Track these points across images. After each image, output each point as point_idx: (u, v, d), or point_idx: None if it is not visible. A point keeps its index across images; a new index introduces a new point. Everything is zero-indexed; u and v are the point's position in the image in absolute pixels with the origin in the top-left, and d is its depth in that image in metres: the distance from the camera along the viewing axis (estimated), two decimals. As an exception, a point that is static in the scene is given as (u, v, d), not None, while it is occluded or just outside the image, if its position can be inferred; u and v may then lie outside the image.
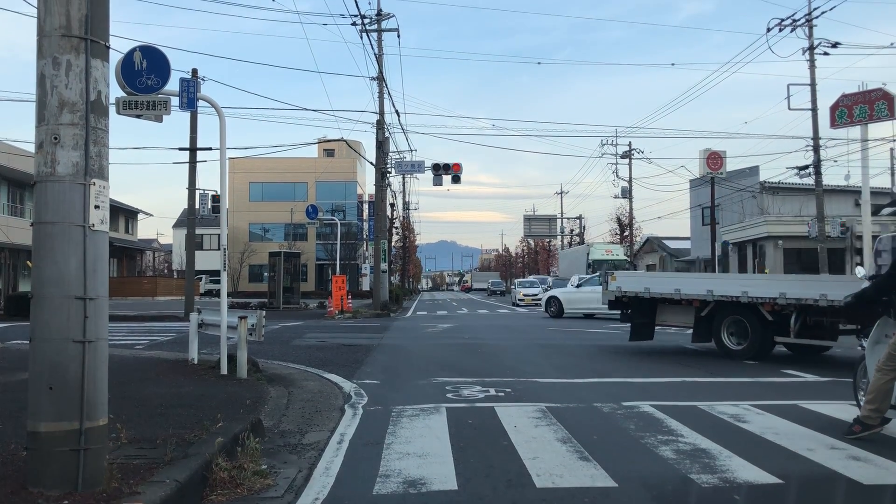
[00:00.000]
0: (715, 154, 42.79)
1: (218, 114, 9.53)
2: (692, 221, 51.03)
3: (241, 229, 61.49)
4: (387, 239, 33.39)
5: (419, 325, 20.09)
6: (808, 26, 30.79)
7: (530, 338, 15.35)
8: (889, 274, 5.67)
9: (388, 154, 31.35)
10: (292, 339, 14.91)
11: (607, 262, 38.39)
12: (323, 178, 60.93)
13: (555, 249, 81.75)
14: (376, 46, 31.69)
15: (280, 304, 28.44)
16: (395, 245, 70.07)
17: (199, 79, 23.40)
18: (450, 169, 29.31)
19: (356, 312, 26.47)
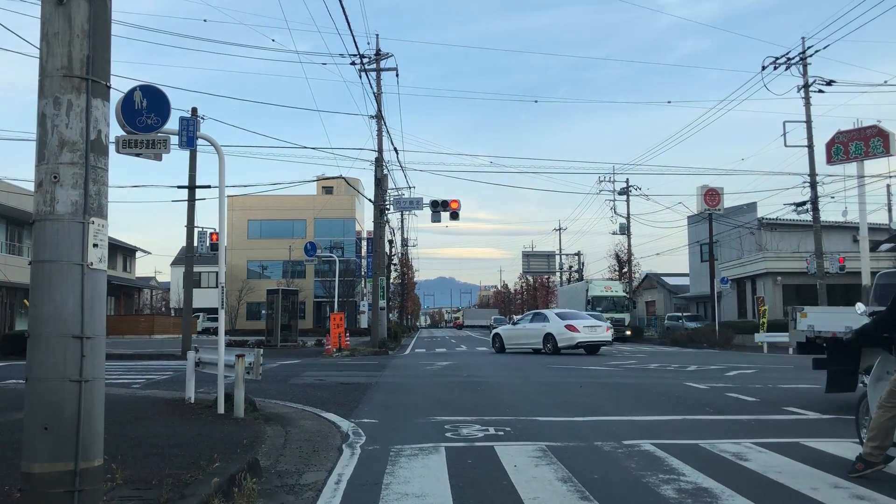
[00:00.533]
0: (712, 190, 43.03)
1: (217, 152, 9.58)
2: (691, 258, 51.12)
3: (239, 267, 61.49)
4: (385, 276, 33.39)
5: (417, 362, 19.99)
6: (803, 64, 31.18)
7: (530, 375, 15.26)
8: (889, 310, 5.65)
9: (386, 191, 31.49)
10: (290, 377, 14.81)
11: (606, 299, 38.41)
12: (321, 215, 61.13)
13: (553, 286, 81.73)
14: (375, 85, 32.02)
15: (278, 342, 28.33)
16: (394, 282, 70.09)
17: (199, 117, 23.59)
18: (448, 206, 29.42)
19: (354, 350, 26.35)
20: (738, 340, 33.51)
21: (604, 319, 30.83)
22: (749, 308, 40.03)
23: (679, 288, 62.00)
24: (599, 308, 38.27)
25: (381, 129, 31.78)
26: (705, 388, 12.33)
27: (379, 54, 32.21)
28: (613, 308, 36.90)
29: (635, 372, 16.07)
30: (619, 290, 39.96)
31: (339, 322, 25.93)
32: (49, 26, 3.96)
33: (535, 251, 66.57)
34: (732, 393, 11.67)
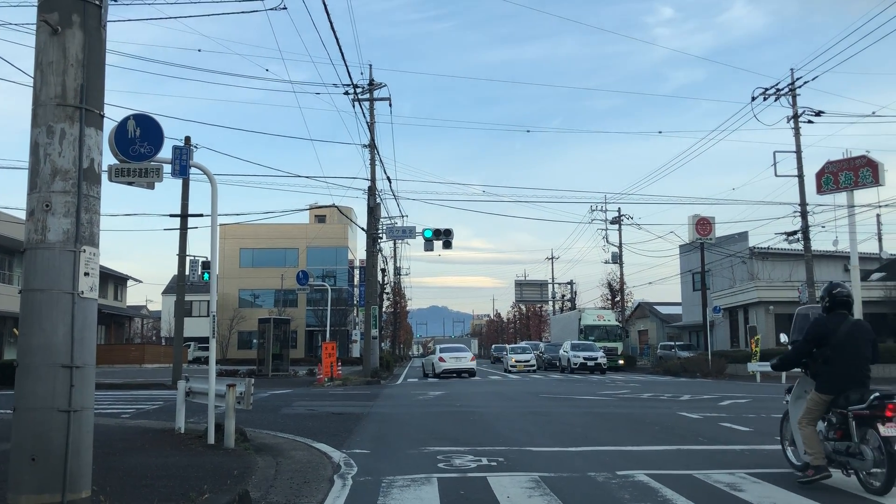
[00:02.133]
0: (704, 220, 43.21)
1: (210, 181, 9.59)
2: (683, 287, 51.22)
3: (230, 296, 61.24)
4: (377, 305, 33.32)
5: (410, 392, 19.87)
6: (792, 95, 31.48)
7: (523, 405, 15.18)
8: (804, 340, 6.89)
9: (379, 220, 31.53)
10: (281, 407, 14.68)
11: (599, 328, 38.36)
12: (314, 244, 61.06)
13: (546, 315, 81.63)
14: (368, 115, 32.19)
15: (269, 372, 28.14)
16: (386, 311, 69.90)
17: (192, 146, 23.64)
18: (441, 234, 29.46)
19: (346, 380, 26.20)
20: (731, 369, 33.46)
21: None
22: (741, 337, 40.02)
23: (671, 317, 61.99)
24: (592, 337, 38.29)
25: (373, 159, 31.90)
26: (699, 418, 12.28)
27: (372, 84, 32.41)
28: (606, 337, 36.86)
29: (628, 401, 16.00)
30: (612, 319, 39.94)
31: (330, 351, 25.81)
32: (43, 55, 3.97)
33: (528, 280, 66.57)
34: (726, 423, 11.62)
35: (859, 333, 6.60)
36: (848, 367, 6.49)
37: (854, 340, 6.54)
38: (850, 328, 6.58)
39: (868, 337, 6.64)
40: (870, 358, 6.61)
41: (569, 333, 41.11)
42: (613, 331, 37.88)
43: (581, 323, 38.86)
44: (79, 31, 4.01)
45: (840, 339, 6.52)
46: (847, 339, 6.52)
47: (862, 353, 6.55)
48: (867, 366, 6.57)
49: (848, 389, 6.39)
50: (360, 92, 31.44)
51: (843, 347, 6.51)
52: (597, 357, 33.85)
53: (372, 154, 31.97)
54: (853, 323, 6.65)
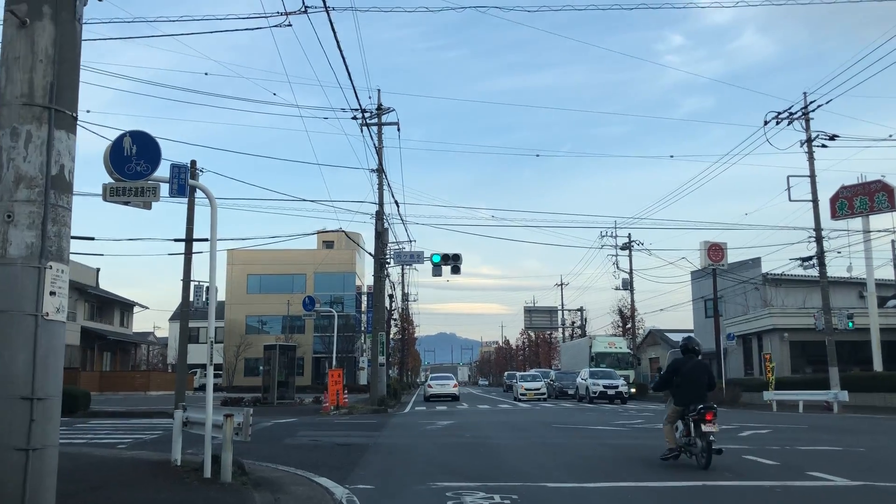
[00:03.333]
0: (716, 246, 42.65)
1: (210, 201, 9.20)
2: (695, 314, 50.49)
3: (237, 322, 60.84)
4: (385, 331, 32.82)
5: (418, 421, 19.31)
6: (805, 119, 31.05)
7: (535, 436, 14.62)
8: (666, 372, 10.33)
9: (387, 245, 31.13)
10: (283, 437, 14.15)
11: (610, 355, 37.63)
12: (322, 270, 60.69)
13: (556, 342, 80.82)
14: (376, 139, 31.94)
15: (274, 400, 27.60)
16: (394, 337, 69.35)
17: (199, 170, 23.35)
18: (449, 259, 29.00)
19: (352, 408, 25.64)
20: (746, 398, 32.75)
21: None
22: (756, 365, 39.28)
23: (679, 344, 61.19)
24: (603, 364, 37.54)
25: (381, 183, 31.60)
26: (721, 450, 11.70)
27: (380, 108, 32.19)
28: (617, 364, 36.18)
29: (645, 432, 15.40)
30: (623, 347, 39.22)
31: (337, 379, 25.28)
32: (9, 50, 3.56)
33: (538, 307, 65.91)
34: (750, 455, 11.04)
35: (698, 369, 9.90)
36: (691, 390, 9.73)
37: (695, 374, 9.80)
38: (693, 365, 9.93)
39: (705, 371, 10.00)
40: (705, 385, 9.88)
41: (579, 361, 40.39)
42: (625, 358, 37.16)
43: (592, 350, 38.15)
44: (49, 23, 3.61)
45: (686, 372, 9.82)
46: (691, 372, 9.81)
47: (700, 382, 9.81)
48: (704, 389, 9.81)
49: (691, 404, 9.59)
50: (369, 116, 31.21)
51: (688, 378, 9.80)
52: (618, 385, 32.46)
53: (380, 179, 31.68)
54: (695, 362, 10.03)
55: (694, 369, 9.89)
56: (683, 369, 9.91)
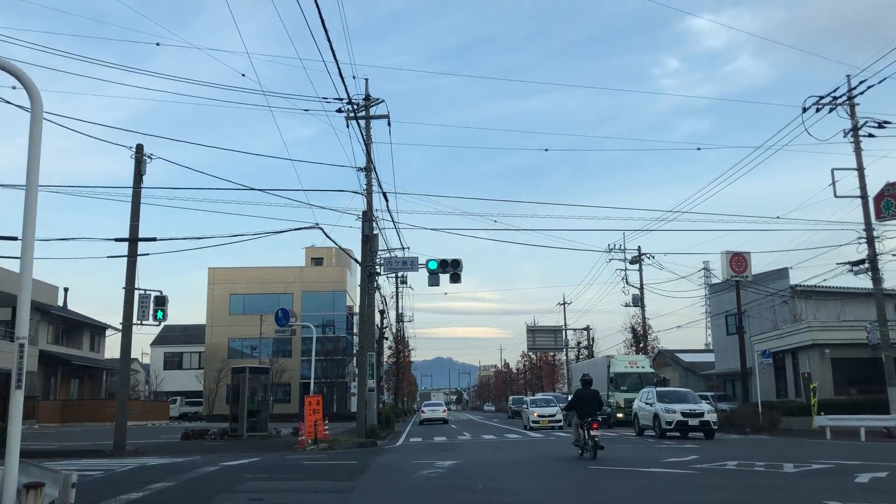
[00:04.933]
0: (739, 256, 38.76)
1: (28, 92, 5.18)
2: (714, 331, 46.45)
3: (219, 345, 56.58)
4: (376, 351, 28.71)
5: (410, 461, 15.15)
6: (850, 105, 27.29)
7: (572, 485, 10.53)
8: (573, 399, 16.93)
9: (376, 253, 27.13)
10: (215, 493, 9.89)
11: (631, 376, 33.32)
12: (310, 289, 56.68)
13: (559, 364, 76.53)
14: (364, 134, 28.08)
15: (244, 432, 23.42)
16: (388, 360, 65.06)
17: (146, 155, 19.46)
18: (448, 266, 25.02)
19: (334, 442, 21.52)
20: (786, 423, 28.63)
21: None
22: (790, 385, 35.19)
23: (696, 365, 56.99)
24: (624, 387, 33.22)
25: (370, 181, 27.72)
26: None
27: (368, 99, 28.35)
28: (640, 386, 32.00)
29: (722, 477, 11.26)
30: (646, 366, 34.87)
31: (315, 407, 21.16)
32: None
33: (541, 326, 61.63)
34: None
35: (592, 396, 15.99)
36: (587, 409, 15.49)
37: (590, 399, 15.81)
38: (589, 393, 16.03)
39: (596, 397, 16.16)
40: (596, 406, 15.86)
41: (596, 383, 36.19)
42: (648, 379, 32.83)
43: (611, 370, 33.82)
44: None
45: (585, 398, 15.85)
46: (587, 398, 15.83)
47: (592, 404, 15.69)
48: (595, 409, 15.67)
49: (587, 417, 15.25)
50: (358, 109, 27.42)
51: (586, 401, 15.76)
52: (702, 412, 22.91)
53: (368, 178, 27.78)
54: (591, 391, 16.19)
55: (590, 396, 15.85)
56: (584, 395, 15.89)
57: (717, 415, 31.74)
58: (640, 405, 25.80)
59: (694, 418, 22.77)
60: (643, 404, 25.41)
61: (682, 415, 22.76)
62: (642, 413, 25.42)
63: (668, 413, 23.02)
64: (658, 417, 23.51)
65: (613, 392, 33.61)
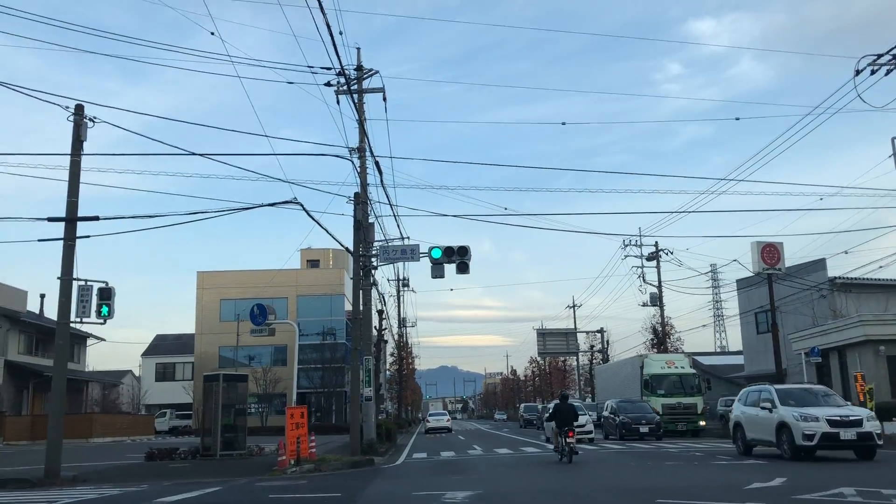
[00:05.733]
0: (770, 246, 35.18)
1: None
2: (743, 330, 42.81)
3: (209, 354, 53.04)
4: (372, 355, 25.21)
5: (411, 493, 11.61)
6: (911, 64, 23.82)
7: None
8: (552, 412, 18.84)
9: (372, 243, 23.66)
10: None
11: (669, 378, 29.64)
12: (305, 292, 53.17)
13: (570, 369, 72.89)
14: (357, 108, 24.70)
15: (217, 451, 19.88)
16: (390, 368, 61.52)
17: (89, 118, 16.06)
18: (454, 254, 21.54)
19: (322, 461, 18.00)
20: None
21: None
22: (838, 386, 31.57)
23: (716, 368, 53.30)
24: (661, 390, 29.52)
25: (364, 162, 24.36)
26: None
27: (361, 69, 24.94)
28: (680, 389, 28.41)
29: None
30: (686, 366, 31.00)
31: (299, 420, 17.66)
32: None
33: (552, 329, 57.97)
34: None
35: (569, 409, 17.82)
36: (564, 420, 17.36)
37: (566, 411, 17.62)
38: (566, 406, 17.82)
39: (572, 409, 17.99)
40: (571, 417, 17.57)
41: (628, 387, 32.32)
42: (689, 381, 29.18)
43: (644, 372, 30.05)
44: None
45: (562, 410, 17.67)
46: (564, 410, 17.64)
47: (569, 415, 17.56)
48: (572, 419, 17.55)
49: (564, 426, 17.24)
50: (350, 82, 24.00)
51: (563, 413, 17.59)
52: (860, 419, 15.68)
53: (362, 159, 24.41)
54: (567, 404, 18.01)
55: (567, 409, 17.98)
56: (562, 408, 17.99)
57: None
58: (748, 411, 18.29)
59: (848, 429, 15.43)
60: (754, 410, 17.81)
61: (830, 423, 15.45)
62: (753, 422, 17.93)
63: (806, 422, 15.61)
64: (788, 428, 16.03)
65: (649, 396, 30.08)
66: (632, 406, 28.11)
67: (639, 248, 47.94)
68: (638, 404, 27.98)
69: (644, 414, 27.36)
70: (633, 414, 27.36)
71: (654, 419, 26.87)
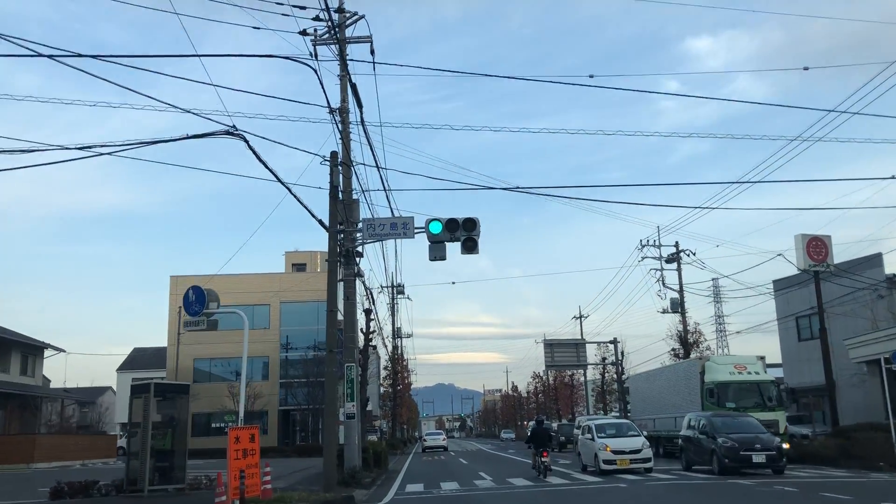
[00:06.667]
0: (817, 240, 30.57)
1: None
2: (782, 336, 37.93)
3: (183, 368, 48.00)
4: (356, 362, 20.36)
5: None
6: None
7: None
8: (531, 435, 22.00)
9: (356, 225, 18.84)
10: None
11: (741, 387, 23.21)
12: (290, 298, 48.25)
13: (578, 384, 67.78)
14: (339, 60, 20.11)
15: (145, 485, 14.93)
16: (384, 382, 56.52)
17: None
18: (458, 228, 16.77)
19: (282, 500, 13.12)
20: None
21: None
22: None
23: (743, 382, 48.39)
24: (731, 402, 22.84)
25: (346, 122, 19.78)
26: None
27: (343, 12, 20.26)
28: (758, 402, 22.45)
29: None
30: (761, 371, 24.12)
31: (247, 446, 12.81)
32: None
33: (560, 340, 52.80)
34: None
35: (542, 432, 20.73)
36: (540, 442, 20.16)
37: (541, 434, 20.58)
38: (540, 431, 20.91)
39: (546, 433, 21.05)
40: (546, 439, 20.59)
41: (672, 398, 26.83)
42: (768, 390, 22.99)
43: (706, 379, 23.53)
44: None
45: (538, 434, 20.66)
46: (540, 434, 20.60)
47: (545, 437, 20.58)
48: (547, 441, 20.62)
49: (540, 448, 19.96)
50: (332, 28, 19.37)
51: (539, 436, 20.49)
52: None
53: (344, 119, 19.80)
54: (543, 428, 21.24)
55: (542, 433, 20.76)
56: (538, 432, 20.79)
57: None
58: None
59: None
60: None
61: None
62: None
63: None
64: None
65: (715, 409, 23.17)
66: (734, 422, 19.50)
67: (657, 248, 43.37)
68: (742, 420, 19.61)
69: (757, 434, 18.59)
70: (740, 434, 18.46)
71: (774, 443, 18.34)
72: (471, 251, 16.66)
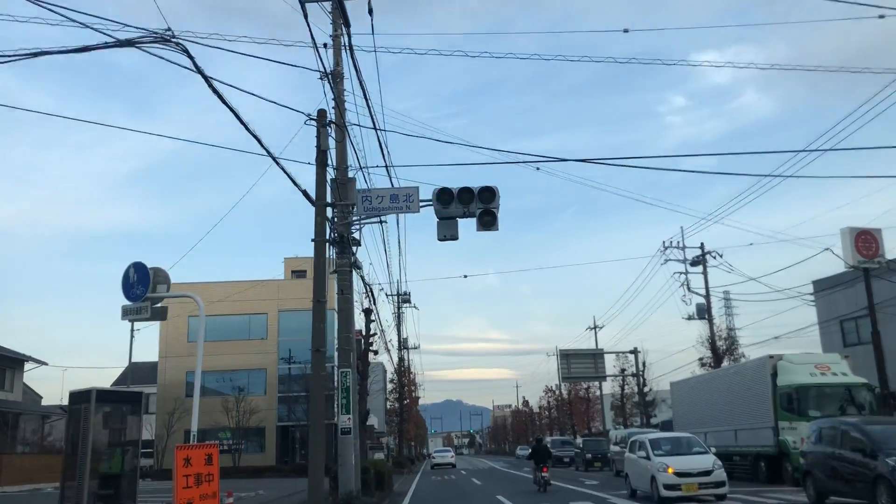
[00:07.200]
0: (867, 234, 27.49)
1: None
2: (823, 340, 34.67)
3: (175, 382, 44.96)
4: (354, 368, 17.36)
5: None
6: None
7: None
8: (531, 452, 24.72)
9: (352, 208, 15.82)
10: None
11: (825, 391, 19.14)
12: (289, 307, 45.27)
13: (595, 398, 64.40)
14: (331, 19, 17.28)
15: (83, 517, 11.84)
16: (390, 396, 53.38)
17: None
18: (473, 199, 13.73)
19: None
20: None
21: None
22: None
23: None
24: (813, 409, 18.70)
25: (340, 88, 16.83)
26: None
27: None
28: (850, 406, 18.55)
29: None
30: (848, 371, 20.24)
31: (202, 469, 9.80)
32: None
33: (577, 350, 49.55)
34: None
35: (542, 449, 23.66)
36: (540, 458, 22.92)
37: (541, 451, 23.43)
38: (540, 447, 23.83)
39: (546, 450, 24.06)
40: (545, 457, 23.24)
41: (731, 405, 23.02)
42: (861, 395, 18.87)
43: (779, 381, 19.84)
44: None
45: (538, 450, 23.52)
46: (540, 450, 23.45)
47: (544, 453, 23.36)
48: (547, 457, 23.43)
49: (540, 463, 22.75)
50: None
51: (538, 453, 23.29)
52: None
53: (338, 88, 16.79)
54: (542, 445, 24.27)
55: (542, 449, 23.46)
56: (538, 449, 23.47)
57: None
58: None
59: None
60: None
61: None
62: None
63: None
64: None
65: (792, 419, 19.40)
66: None
67: (682, 250, 40.37)
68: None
69: None
70: None
71: None
72: (488, 227, 13.62)
